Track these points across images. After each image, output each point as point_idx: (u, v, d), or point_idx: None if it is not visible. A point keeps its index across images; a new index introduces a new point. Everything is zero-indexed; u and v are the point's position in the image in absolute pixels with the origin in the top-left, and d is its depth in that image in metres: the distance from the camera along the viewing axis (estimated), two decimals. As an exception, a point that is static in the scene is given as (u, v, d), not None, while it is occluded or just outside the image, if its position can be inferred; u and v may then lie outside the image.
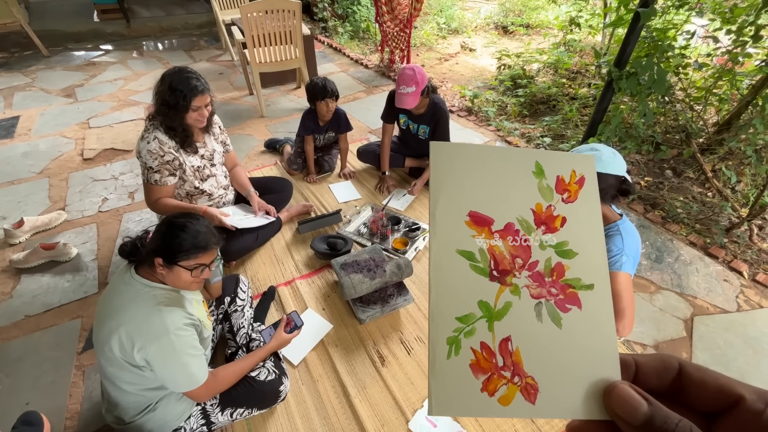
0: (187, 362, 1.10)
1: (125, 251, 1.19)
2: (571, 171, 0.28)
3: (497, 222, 0.27)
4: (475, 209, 0.27)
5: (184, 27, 5.71)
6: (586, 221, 0.27)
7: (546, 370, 0.24)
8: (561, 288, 0.26)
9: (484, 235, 0.26)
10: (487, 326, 0.25)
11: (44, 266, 2.00)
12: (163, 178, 1.68)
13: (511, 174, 0.28)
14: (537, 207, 0.27)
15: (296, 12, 3.02)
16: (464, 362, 0.24)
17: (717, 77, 2.61)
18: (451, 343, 0.24)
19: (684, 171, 2.76)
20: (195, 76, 1.62)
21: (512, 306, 0.25)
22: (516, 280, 0.26)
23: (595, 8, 4.54)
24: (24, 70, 4.26)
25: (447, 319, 0.25)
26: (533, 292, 0.26)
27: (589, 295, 0.26)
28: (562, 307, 0.26)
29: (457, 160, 0.27)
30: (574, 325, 0.25)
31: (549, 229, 0.27)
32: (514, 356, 0.25)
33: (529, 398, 0.24)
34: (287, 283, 1.93)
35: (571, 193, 0.28)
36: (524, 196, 0.27)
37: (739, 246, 2.20)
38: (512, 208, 0.27)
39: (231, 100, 3.73)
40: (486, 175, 0.27)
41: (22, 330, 1.73)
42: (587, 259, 0.27)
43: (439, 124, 2.32)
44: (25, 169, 2.73)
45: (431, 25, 5.60)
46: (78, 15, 5.61)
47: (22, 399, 1.49)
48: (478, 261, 0.26)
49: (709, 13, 2.90)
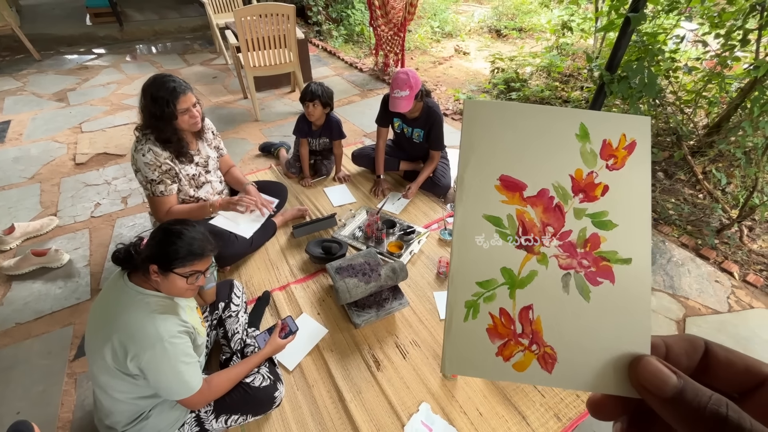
0: (182, 370, 1.10)
1: (119, 258, 1.17)
2: (621, 135, 0.25)
3: (530, 188, 0.25)
4: (508, 173, 0.25)
5: (177, 30, 5.69)
6: (632, 191, 0.25)
7: (567, 341, 0.24)
8: (594, 260, 0.24)
9: (515, 200, 0.25)
10: (509, 293, 0.24)
11: (35, 273, 1.98)
12: (167, 188, 1.67)
13: (552, 136, 0.25)
14: (577, 173, 0.25)
15: (290, 16, 3.02)
16: (481, 326, 0.24)
17: (706, 80, 2.65)
18: (470, 306, 0.24)
19: (675, 173, 2.79)
20: (171, 79, 1.59)
21: (537, 275, 0.24)
22: (545, 249, 0.25)
23: (586, 12, 4.59)
24: (15, 74, 4.22)
25: (467, 282, 0.24)
26: (562, 262, 0.24)
27: (625, 269, 0.24)
28: (592, 280, 0.24)
29: (492, 119, 0.25)
30: (604, 299, 0.24)
31: (588, 197, 0.25)
32: (534, 324, 0.24)
33: (546, 367, 0.23)
34: (282, 288, 1.92)
35: (618, 159, 0.25)
36: (564, 161, 0.25)
37: (729, 247, 2.23)
38: (549, 173, 0.25)
39: (225, 104, 3.72)
40: (522, 137, 0.25)
41: (13, 338, 1.71)
42: (628, 231, 0.25)
43: (433, 127, 2.33)
44: (16, 174, 2.70)
45: (425, 29, 5.63)
46: (70, 18, 5.57)
47: (12, 408, 1.47)
48: (505, 227, 0.25)
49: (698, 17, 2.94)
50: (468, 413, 1.43)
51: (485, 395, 1.48)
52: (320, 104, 2.34)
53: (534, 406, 1.45)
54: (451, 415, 1.43)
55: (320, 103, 2.33)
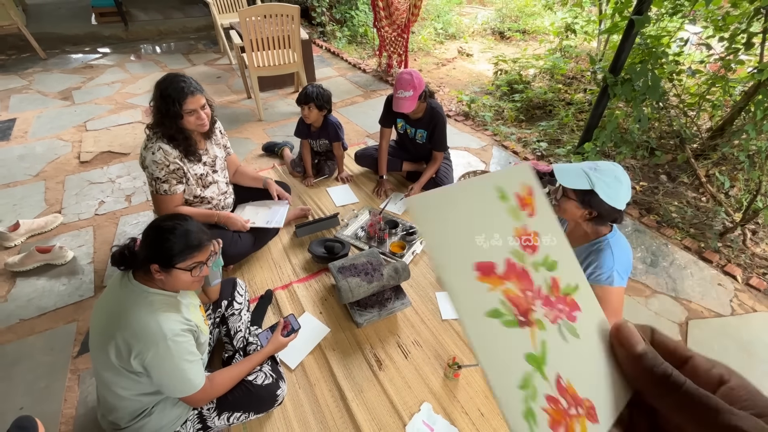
0: (185, 368, 1.10)
1: (116, 261, 1.16)
2: (520, 185, 0.28)
3: (498, 265, 0.26)
4: (477, 259, 0.25)
5: (182, 30, 5.72)
6: (550, 228, 0.28)
7: (591, 384, 0.25)
8: (563, 300, 0.27)
9: (495, 282, 0.25)
10: (541, 376, 0.24)
11: (40, 269, 1.99)
12: (172, 188, 1.68)
13: (485, 205, 0.27)
14: (516, 232, 0.27)
15: (295, 16, 3.03)
16: (545, 427, 0.23)
17: (710, 84, 2.65)
18: (528, 417, 0.23)
19: (678, 176, 2.79)
20: (183, 79, 1.61)
21: (547, 342, 0.25)
22: (536, 315, 0.26)
23: (590, 15, 4.60)
24: (21, 72, 4.24)
25: (512, 393, 0.23)
26: (550, 317, 0.26)
27: (580, 294, 0.27)
28: (571, 318, 0.27)
29: (437, 210, 0.26)
30: (585, 327, 0.27)
31: (533, 249, 0.28)
32: (569, 390, 0.25)
33: (593, 419, 0.24)
34: (284, 287, 1.93)
35: (531, 206, 0.28)
36: (504, 225, 0.27)
37: (732, 250, 2.22)
38: (502, 243, 0.27)
39: (229, 104, 3.73)
40: (468, 215, 0.26)
41: (17, 334, 1.72)
42: (565, 262, 0.28)
43: (436, 128, 2.33)
44: (21, 172, 2.72)
45: (429, 31, 5.64)
46: (76, 18, 5.60)
47: (16, 403, 1.48)
48: (505, 314, 0.25)
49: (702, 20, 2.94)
50: (469, 413, 1.43)
51: (487, 395, 1.48)
52: (315, 107, 2.34)
53: (536, 407, 1.45)
54: (452, 415, 1.43)
55: (315, 105, 2.34)
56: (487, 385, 0.23)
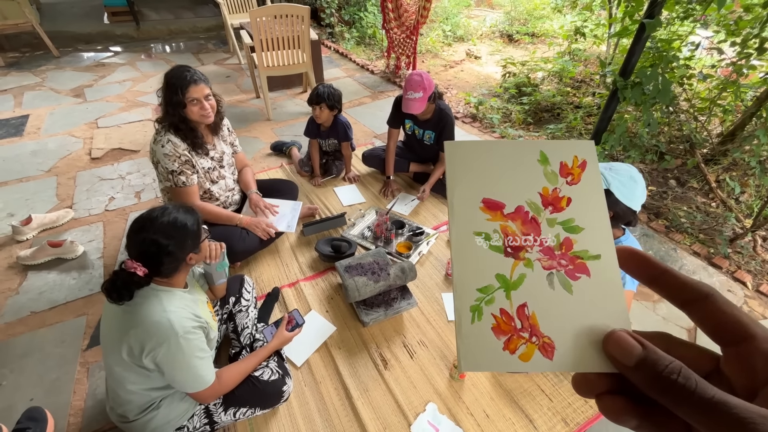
0: (196, 365, 1.11)
1: (117, 293, 1.05)
2: (573, 156, 0.31)
3: (508, 206, 0.30)
4: (488, 196, 0.30)
5: (192, 30, 5.78)
6: (590, 200, 0.30)
7: (560, 330, 0.27)
8: (570, 259, 0.28)
9: (497, 217, 0.29)
10: (505, 295, 0.28)
11: (51, 263, 2.02)
12: (189, 179, 1.71)
13: (519, 164, 0.31)
14: (544, 190, 0.30)
15: (305, 17, 3.05)
16: (487, 326, 0.27)
17: (721, 88, 2.63)
18: (474, 310, 0.27)
19: (688, 181, 2.77)
20: (187, 69, 1.63)
21: (526, 277, 0.28)
22: (528, 255, 0.29)
23: (600, 18, 4.58)
24: (34, 69, 4.31)
25: (469, 290, 0.28)
26: (544, 264, 0.28)
27: (597, 264, 0.28)
28: (572, 276, 0.28)
29: (470, 155, 0.31)
30: (584, 290, 0.28)
31: (556, 208, 0.30)
32: (531, 319, 0.27)
33: (547, 355, 0.27)
34: (291, 285, 1.94)
35: (575, 176, 0.30)
36: (532, 182, 0.30)
37: (742, 256, 2.20)
38: (521, 193, 0.30)
39: (238, 103, 3.76)
40: (496, 167, 0.31)
41: (28, 326, 1.74)
42: (593, 232, 0.29)
43: (444, 129, 2.34)
44: (34, 167, 2.76)
45: (437, 33, 5.65)
46: (88, 17, 5.68)
47: (26, 395, 1.50)
48: (494, 239, 0.29)
49: (714, 25, 2.92)
50: (475, 414, 1.43)
51: (492, 397, 1.48)
52: (326, 107, 2.36)
53: (541, 410, 1.44)
54: (457, 416, 1.43)
55: (326, 105, 2.35)
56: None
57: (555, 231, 0.29)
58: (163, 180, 1.73)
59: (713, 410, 0.19)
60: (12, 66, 4.37)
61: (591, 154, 0.31)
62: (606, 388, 0.25)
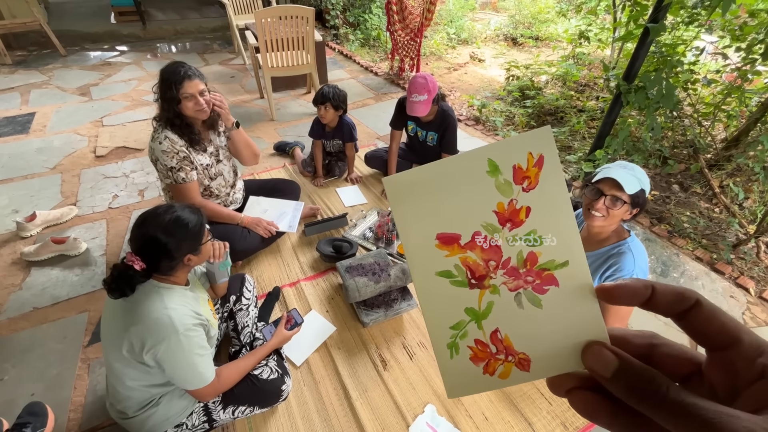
0: (196, 362, 1.12)
1: (119, 289, 1.08)
2: (527, 154, 0.27)
3: (464, 235, 0.28)
4: (442, 230, 0.28)
5: (197, 30, 5.81)
6: (552, 202, 0.27)
7: (534, 344, 0.27)
8: (536, 274, 0.27)
9: (455, 250, 0.28)
10: (476, 326, 0.28)
11: (54, 260, 2.03)
12: (188, 175, 1.71)
13: (467, 182, 0.28)
14: (499, 207, 0.28)
15: (309, 18, 3.07)
16: (465, 358, 0.28)
17: (726, 94, 2.62)
18: (451, 347, 0.28)
19: (691, 186, 2.75)
20: (182, 65, 1.63)
21: (494, 304, 0.28)
22: (493, 281, 0.28)
23: (604, 23, 4.58)
24: (41, 68, 4.35)
25: (442, 330, 0.28)
26: (510, 286, 0.28)
27: (566, 271, 0.27)
28: (539, 290, 0.27)
29: (413, 188, 0.28)
30: (555, 301, 0.27)
31: (514, 224, 0.28)
32: (505, 342, 0.28)
33: (524, 368, 0.27)
34: (292, 285, 1.94)
35: (531, 178, 0.27)
36: (484, 201, 0.28)
37: (745, 262, 2.19)
38: (475, 217, 0.28)
39: (242, 103, 3.78)
40: (444, 192, 0.28)
41: (30, 322, 1.75)
42: (558, 238, 0.27)
43: (447, 131, 2.34)
44: (39, 165, 2.78)
45: (441, 35, 5.66)
46: (96, 16, 5.73)
47: (27, 390, 1.50)
48: (456, 276, 0.28)
49: (719, 30, 2.91)
50: (473, 417, 1.43)
51: (491, 400, 1.48)
52: (331, 107, 2.37)
53: (541, 413, 1.44)
54: (456, 418, 1.43)
55: (331, 105, 2.37)
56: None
57: (517, 248, 0.27)
58: (163, 178, 1.73)
59: (683, 413, 0.19)
60: (19, 64, 4.42)
61: (548, 145, 0.27)
62: (576, 384, 0.26)
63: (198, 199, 1.78)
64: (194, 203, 1.71)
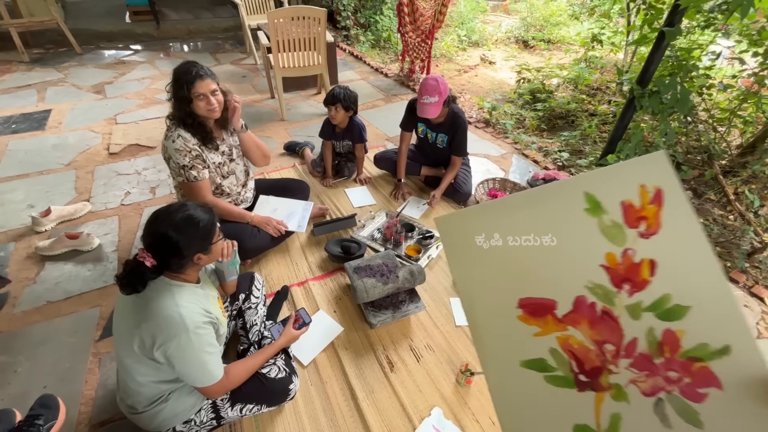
0: (205, 360, 1.12)
1: (131, 285, 1.08)
2: (638, 188, 0.17)
3: (560, 302, 0.17)
4: (525, 294, 0.17)
5: (210, 30, 5.88)
6: (687, 252, 0.16)
7: None
8: (682, 367, 0.16)
9: (549, 326, 0.16)
10: None
11: (67, 254, 2.07)
12: (200, 173, 1.72)
13: (557, 223, 0.17)
14: (609, 259, 0.17)
15: (321, 19, 3.09)
16: None
17: (742, 99, 2.58)
18: None
19: (705, 192, 2.71)
20: (194, 64, 1.65)
21: (622, 418, 0.16)
22: (615, 378, 0.16)
23: (618, 26, 4.53)
24: (58, 66, 4.43)
25: None
26: (644, 387, 0.17)
27: (728, 362, 0.16)
28: (693, 396, 0.16)
29: (475, 231, 0.16)
30: (721, 416, 0.15)
31: (635, 285, 0.17)
32: None
33: None
34: (300, 284, 1.95)
35: (650, 218, 0.17)
36: (586, 251, 0.17)
37: (760, 271, 2.14)
38: (575, 274, 0.16)
39: (253, 103, 3.81)
40: (522, 236, 0.16)
41: (44, 315, 1.78)
42: (708, 307, 0.16)
43: (457, 133, 2.33)
44: (54, 161, 2.83)
45: (452, 37, 5.65)
46: (111, 15, 5.83)
47: (40, 382, 1.53)
48: (554, 368, 0.17)
49: (736, 34, 2.86)
50: (480, 421, 1.42)
51: (499, 405, 1.46)
52: (342, 108, 2.38)
53: (548, 420, 1.42)
54: (463, 421, 1.42)
55: (342, 106, 2.38)
56: None
57: (645, 324, 0.16)
58: (175, 176, 1.75)
59: None
60: (36, 62, 4.50)
61: (665, 175, 0.17)
62: None
63: (209, 197, 1.80)
64: (206, 201, 1.73)
